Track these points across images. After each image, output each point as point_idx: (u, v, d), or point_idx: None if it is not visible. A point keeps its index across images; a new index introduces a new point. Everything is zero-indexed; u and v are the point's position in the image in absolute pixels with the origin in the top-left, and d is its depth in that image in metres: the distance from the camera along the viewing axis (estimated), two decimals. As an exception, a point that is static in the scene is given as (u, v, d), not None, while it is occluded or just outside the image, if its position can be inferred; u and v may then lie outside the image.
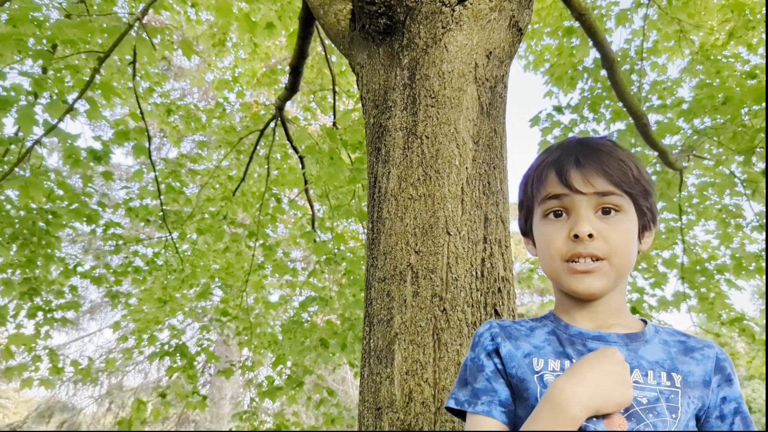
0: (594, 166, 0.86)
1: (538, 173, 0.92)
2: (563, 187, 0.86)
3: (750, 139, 3.53)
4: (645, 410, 0.79)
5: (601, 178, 0.85)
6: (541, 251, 0.91)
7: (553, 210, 0.88)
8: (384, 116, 1.73)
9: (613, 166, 0.86)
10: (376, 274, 1.59)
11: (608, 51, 3.39)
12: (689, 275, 4.28)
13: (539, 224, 0.91)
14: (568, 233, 0.85)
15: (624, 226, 0.86)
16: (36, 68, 3.84)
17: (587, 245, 0.84)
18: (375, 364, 1.49)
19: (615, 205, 0.86)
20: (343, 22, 2.08)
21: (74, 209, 4.11)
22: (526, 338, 0.91)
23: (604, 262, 0.85)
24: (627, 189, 0.86)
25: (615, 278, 0.86)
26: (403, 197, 1.60)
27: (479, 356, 0.91)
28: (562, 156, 0.89)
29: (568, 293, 0.89)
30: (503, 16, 1.75)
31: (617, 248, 0.85)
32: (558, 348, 0.88)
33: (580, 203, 0.85)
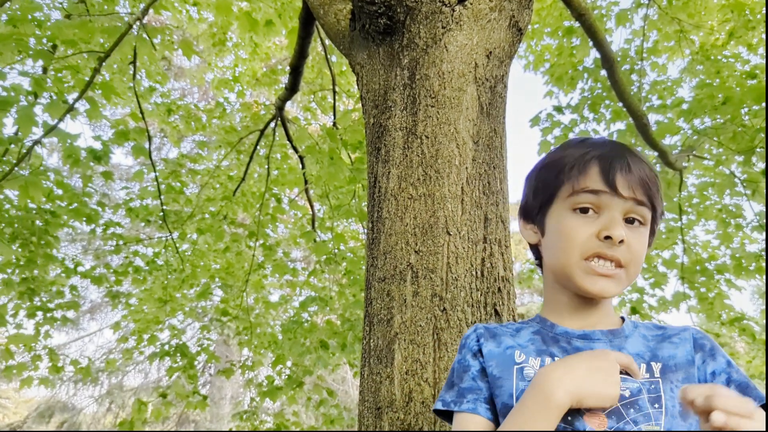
0: (639, 174, 0.86)
1: (580, 163, 0.88)
2: (606, 185, 0.84)
3: (750, 139, 3.53)
4: (626, 405, 0.78)
5: (641, 189, 0.85)
6: (557, 242, 0.89)
7: (584, 206, 0.86)
8: (384, 116, 1.73)
9: (651, 178, 0.87)
10: (376, 274, 1.60)
11: (608, 51, 3.39)
12: (689, 275, 4.28)
13: (563, 215, 0.88)
14: (598, 232, 0.84)
15: (644, 239, 0.87)
16: (37, 68, 3.84)
17: (615, 250, 0.83)
18: (375, 363, 1.49)
19: (643, 217, 0.87)
20: (343, 22, 2.08)
21: (74, 209, 4.12)
22: (510, 337, 0.91)
23: (623, 270, 0.85)
24: (655, 203, 0.87)
25: (624, 286, 0.87)
26: (403, 197, 1.60)
27: (465, 357, 0.92)
28: (610, 154, 0.87)
29: (573, 290, 0.88)
30: (503, 16, 1.76)
31: (636, 259, 0.85)
32: (541, 346, 0.88)
33: (615, 206, 0.84)
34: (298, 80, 4.02)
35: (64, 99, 3.34)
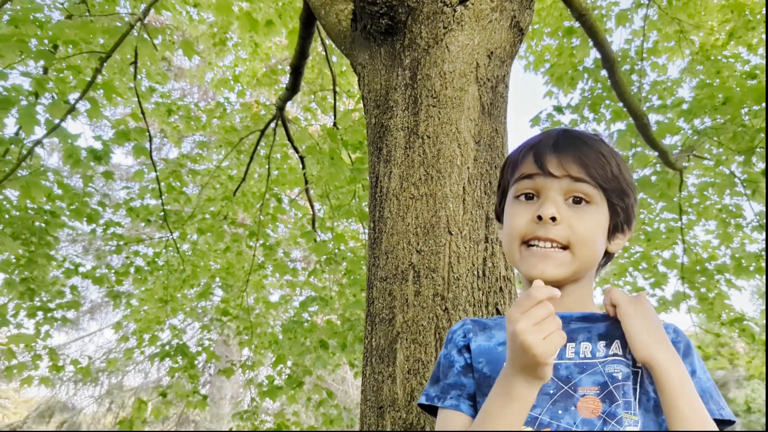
0: (571, 153, 0.85)
1: (516, 156, 0.91)
2: (537, 168, 0.85)
3: (750, 139, 3.54)
4: (618, 387, 0.78)
5: (576, 166, 0.84)
6: (505, 231, 0.89)
7: (525, 192, 0.86)
8: (385, 116, 1.74)
9: (591, 157, 0.85)
10: (378, 274, 1.60)
11: (608, 51, 3.40)
12: (689, 275, 4.29)
13: (510, 204, 0.89)
14: (533, 215, 0.83)
15: (592, 218, 0.84)
16: (38, 69, 3.84)
17: (549, 229, 0.82)
18: (377, 363, 1.50)
19: (586, 194, 0.84)
20: (345, 22, 2.08)
21: (74, 209, 4.12)
22: (500, 328, 0.90)
23: (567, 252, 0.82)
24: (601, 182, 0.84)
25: (575, 270, 0.84)
26: (405, 197, 1.61)
27: (451, 352, 0.91)
28: (542, 140, 0.88)
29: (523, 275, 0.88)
30: (504, 17, 1.76)
31: (582, 239, 0.82)
32: None
33: (551, 186, 0.84)
34: (298, 80, 4.03)
35: (66, 99, 3.34)
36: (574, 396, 0.78)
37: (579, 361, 0.81)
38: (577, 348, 0.83)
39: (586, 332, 0.84)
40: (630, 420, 0.76)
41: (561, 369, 0.81)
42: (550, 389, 0.79)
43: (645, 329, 0.80)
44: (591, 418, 0.76)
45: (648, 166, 4.34)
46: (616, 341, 0.82)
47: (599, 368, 0.80)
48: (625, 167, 0.89)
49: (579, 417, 0.76)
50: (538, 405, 0.78)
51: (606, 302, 0.86)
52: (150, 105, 5.26)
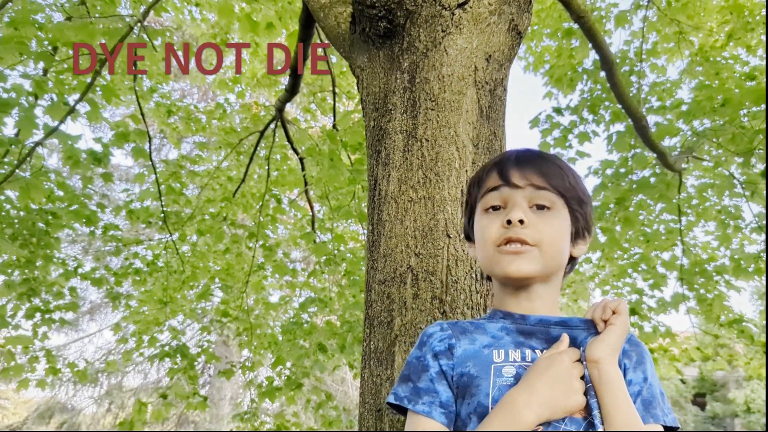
0: (532, 166, 0.94)
1: (480, 174, 0.99)
2: (501, 180, 0.93)
3: (749, 140, 3.54)
4: (588, 389, 0.82)
5: (538, 176, 0.92)
6: (478, 242, 0.96)
7: (492, 205, 0.94)
8: (384, 119, 1.74)
9: (550, 169, 0.94)
10: (376, 277, 1.60)
11: (607, 53, 3.40)
12: (688, 277, 4.29)
13: (479, 218, 0.97)
14: (502, 221, 0.90)
15: (555, 222, 0.92)
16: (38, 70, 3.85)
17: (518, 231, 0.89)
18: (375, 366, 1.50)
19: (548, 201, 0.92)
20: (344, 25, 2.09)
21: (74, 210, 4.12)
22: (481, 331, 0.92)
23: (534, 248, 0.89)
24: (561, 191, 0.93)
25: (544, 265, 0.90)
26: (403, 200, 1.61)
27: (425, 356, 0.92)
28: (504, 157, 0.98)
29: (501, 279, 0.93)
30: (503, 20, 1.76)
31: (547, 239, 0.90)
32: (518, 338, 0.90)
33: (516, 195, 0.92)
34: (297, 82, 4.03)
35: (65, 101, 3.35)
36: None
37: None
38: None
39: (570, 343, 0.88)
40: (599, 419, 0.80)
41: None
42: None
43: (620, 338, 0.86)
44: (577, 418, 0.80)
45: (647, 168, 4.35)
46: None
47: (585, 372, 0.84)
48: (580, 180, 0.98)
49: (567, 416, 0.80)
50: None
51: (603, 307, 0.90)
52: (150, 105, 5.27)
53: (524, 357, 0.86)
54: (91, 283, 4.92)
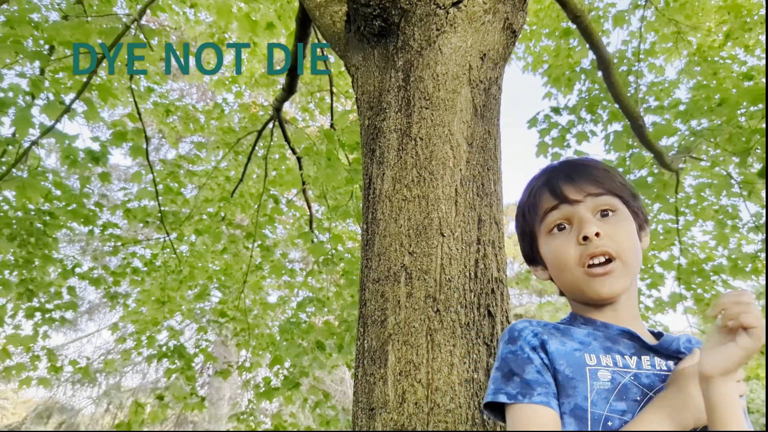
0: (583, 176, 0.92)
1: (532, 198, 0.97)
2: (557, 199, 0.92)
3: (746, 140, 3.54)
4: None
5: (591, 185, 0.91)
6: (555, 265, 0.93)
7: (557, 224, 0.92)
8: (379, 118, 1.74)
9: (599, 175, 0.93)
10: (370, 275, 1.60)
11: (604, 53, 3.40)
12: (686, 276, 4.29)
13: (545, 241, 0.95)
14: (577, 239, 0.89)
15: (625, 224, 0.91)
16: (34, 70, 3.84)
17: (597, 243, 0.87)
18: (369, 364, 1.50)
19: (610, 205, 0.91)
20: (339, 24, 2.09)
21: (71, 210, 4.11)
22: (569, 335, 0.90)
23: (617, 262, 0.87)
24: (617, 192, 0.92)
25: (630, 276, 0.89)
26: (398, 199, 1.61)
27: (523, 349, 0.88)
28: (550, 176, 0.95)
29: (592, 300, 0.91)
30: (497, 19, 1.76)
31: (625, 246, 0.88)
32: (605, 344, 0.88)
33: (579, 210, 0.90)
34: (295, 81, 4.03)
35: (61, 100, 3.34)
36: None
37: (657, 372, 0.84)
38: (652, 362, 0.86)
39: (654, 351, 0.87)
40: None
41: (643, 377, 0.84)
42: (637, 396, 0.81)
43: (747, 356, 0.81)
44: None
45: (644, 168, 4.35)
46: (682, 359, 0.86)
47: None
48: (624, 177, 0.98)
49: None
50: (629, 411, 0.80)
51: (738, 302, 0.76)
52: (148, 105, 5.26)
53: (615, 362, 0.85)
54: (89, 282, 4.91)
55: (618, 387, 0.82)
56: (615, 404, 0.81)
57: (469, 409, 1.37)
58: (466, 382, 1.39)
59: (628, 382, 0.83)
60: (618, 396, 0.81)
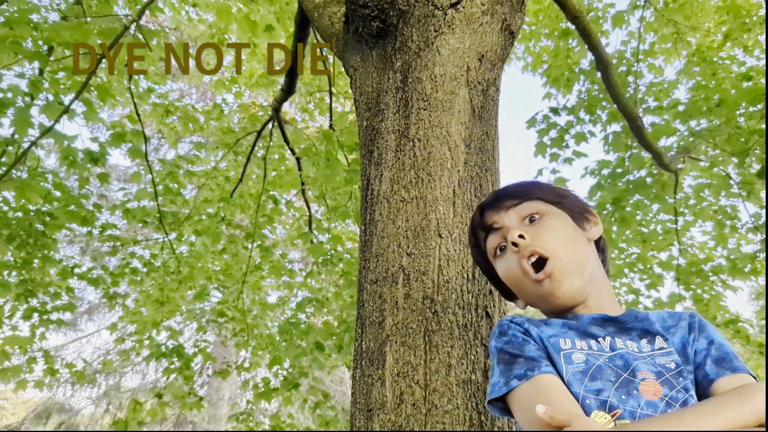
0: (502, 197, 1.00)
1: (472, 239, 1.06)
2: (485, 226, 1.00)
3: (745, 140, 3.54)
4: (674, 375, 0.82)
5: (510, 198, 0.98)
6: (512, 285, 0.99)
7: (496, 246, 0.98)
8: (377, 119, 1.74)
9: (517, 190, 1.00)
10: (368, 276, 1.60)
11: (602, 53, 3.40)
12: (685, 277, 4.29)
13: (498, 269, 1.00)
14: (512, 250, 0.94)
15: (552, 222, 0.94)
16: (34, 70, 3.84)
17: (525, 245, 0.91)
18: (367, 366, 1.50)
19: (534, 210, 0.95)
20: (337, 24, 2.09)
21: (70, 211, 4.11)
22: (545, 325, 0.93)
23: (551, 261, 0.89)
24: (538, 196, 0.97)
25: (578, 271, 0.91)
26: (395, 200, 1.61)
27: (516, 335, 0.91)
28: (477, 212, 1.04)
29: (560, 307, 0.92)
30: (495, 20, 1.76)
31: (555, 241, 0.91)
32: (580, 330, 0.90)
33: (506, 227, 0.96)
34: (294, 82, 4.03)
35: (60, 100, 3.34)
36: (634, 380, 0.80)
37: (630, 351, 0.85)
38: (625, 343, 0.86)
39: (626, 333, 0.88)
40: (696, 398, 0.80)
41: (616, 359, 0.84)
42: (611, 377, 0.81)
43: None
44: (654, 400, 0.78)
45: (643, 168, 4.35)
46: (657, 337, 0.87)
47: (650, 360, 0.83)
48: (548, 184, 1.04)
49: (643, 399, 0.79)
50: (604, 389, 0.80)
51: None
52: (148, 106, 5.26)
53: (590, 346, 0.86)
54: (87, 282, 4.91)
55: (592, 368, 0.83)
56: (590, 384, 0.81)
57: (467, 410, 1.37)
58: (464, 383, 1.39)
59: (603, 363, 0.83)
60: (592, 376, 0.82)
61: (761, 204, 4.04)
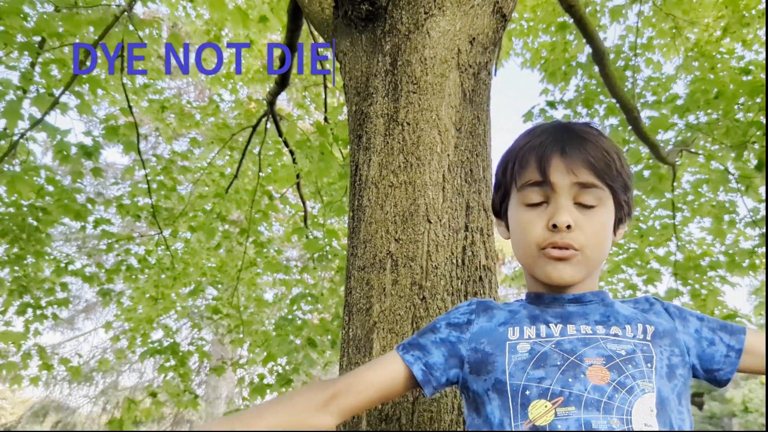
0: (579, 156, 0.85)
1: (519, 157, 0.90)
2: (542, 176, 0.86)
3: (742, 133, 3.51)
4: (624, 361, 0.80)
5: (585, 169, 0.85)
6: (517, 238, 0.92)
7: (534, 202, 0.88)
8: (366, 103, 1.70)
9: (597, 157, 0.86)
10: (356, 263, 1.57)
11: (599, 44, 3.37)
12: (682, 272, 4.27)
13: (516, 210, 0.91)
14: (547, 222, 0.85)
15: (601, 219, 0.87)
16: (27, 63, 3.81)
17: (564, 236, 0.84)
18: (354, 353, 1.46)
19: (595, 200, 0.86)
20: (327, 10, 2.05)
21: (63, 204, 4.08)
22: (502, 309, 0.93)
23: (579, 253, 0.85)
24: (609, 182, 0.86)
25: (587, 269, 0.87)
26: (384, 185, 1.57)
27: (441, 322, 0.95)
28: (545, 142, 0.87)
29: (540, 279, 0.90)
30: (487, 2, 1.73)
31: (593, 241, 0.85)
32: (534, 312, 0.89)
33: (560, 192, 0.85)
34: (287, 75, 4.00)
35: (51, 92, 3.31)
36: (581, 365, 0.79)
37: (581, 336, 0.83)
38: (577, 328, 0.85)
39: (583, 317, 0.87)
40: (646, 386, 0.78)
41: (565, 344, 0.83)
42: (557, 361, 0.80)
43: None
44: (601, 385, 0.77)
45: (641, 162, 4.31)
46: (613, 326, 0.85)
47: (601, 344, 0.82)
48: (624, 158, 0.92)
49: (589, 384, 0.77)
50: (547, 377, 0.79)
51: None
52: (144, 102, 5.22)
53: (539, 333, 0.85)
54: (82, 279, 4.88)
55: (536, 356, 0.82)
56: (532, 372, 0.80)
57: (455, 398, 1.34)
58: (452, 370, 1.35)
59: (549, 350, 0.82)
60: (535, 364, 0.81)
61: (759, 198, 4.01)
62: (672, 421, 0.77)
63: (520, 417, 0.77)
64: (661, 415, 0.76)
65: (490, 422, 0.81)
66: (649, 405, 0.76)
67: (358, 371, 0.94)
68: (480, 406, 0.85)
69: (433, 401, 1.33)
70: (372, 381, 0.90)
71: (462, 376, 0.89)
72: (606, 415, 0.74)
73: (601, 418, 0.74)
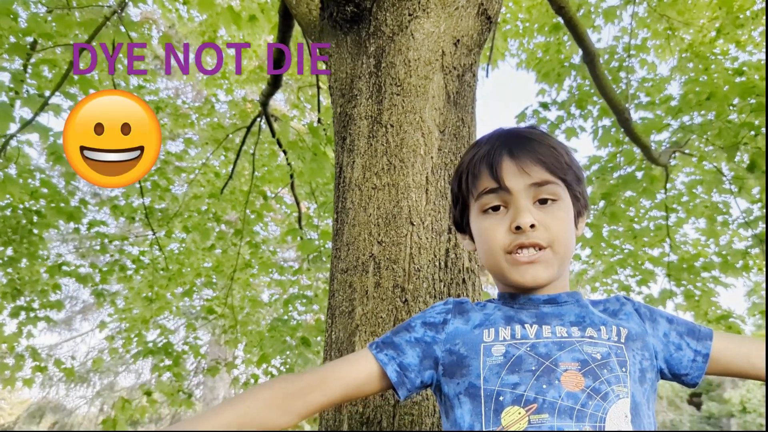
0: (528, 156, 0.86)
1: (471, 168, 0.91)
2: (496, 182, 0.86)
3: (735, 134, 3.51)
4: (599, 366, 0.79)
5: (536, 167, 0.86)
6: (482, 246, 0.91)
7: (492, 206, 0.88)
8: (350, 105, 1.70)
9: (546, 153, 0.87)
10: (339, 266, 1.56)
11: (589, 45, 3.37)
12: (676, 273, 4.26)
13: (478, 219, 0.91)
14: (509, 225, 0.85)
15: (562, 214, 0.87)
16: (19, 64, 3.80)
17: (529, 235, 0.84)
18: (336, 356, 1.46)
19: (552, 194, 0.86)
20: (315, 12, 2.05)
21: (55, 207, 4.07)
22: (478, 311, 0.91)
23: (547, 250, 0.85)
24: (561, 175, 0.87)
25: (559, 266, 0.87)
26: (367, 187, 1.57)
27: (416, 320, 0.93)
28: (493, 149, 0.89)
29: (513, 285, 0.89)
30: (471, 4, 1.73)
31: (558, 236, 0.85)
32: (509, 312, 0.88)
33: (518, 195, 0.85)
34: (280, 75, 3.99)
35: (42, 93, 3.30)
36: (556, 370, 0.78)
37: (557, 340, 0.82)
38: (552, 329, 0.84)
39: (558, 318, 0.86)
40: (621, 391, 0.77)
41: (540, 347, 0.82)
42: (532, 366, 0.79)
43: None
44: (575, 392, 0.76)
45: (634, 162, 4.31)
46: (588, 327, 0.84)
47: (577, 347, 0.81)
48: (571, 153, 0.92)
49: (564, 390, 0.76)
50: (521, 383, 0.78)
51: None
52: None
53: (514, 334, 0.84)
54: (76, 280, 4.87)
55: (511, 360, 0.80)
56: (507, 378, 0.79)
57: (436, 401, 1.34)
58: (433, 373, 1.35)
59: (524, 353, 0.81)
60: (510, 369, 0.80)
61: (753, 199, 4.00)
62: (644, 427, 0.76)
63: (492, 423, 0.76)
64: (635, 421, 0.76)
65: (458, 426, 0.80)
66: (624, 411, 0.76)
67: (332, 366, 0.93)
68: (449, 410, 0.84)
69: (414, 404, 1.33)
70: (344, 377, 0.89)
71: (436, 378, 0.88)
72: (579, 423, 0.74)
73: (573, 426, 0.74)
